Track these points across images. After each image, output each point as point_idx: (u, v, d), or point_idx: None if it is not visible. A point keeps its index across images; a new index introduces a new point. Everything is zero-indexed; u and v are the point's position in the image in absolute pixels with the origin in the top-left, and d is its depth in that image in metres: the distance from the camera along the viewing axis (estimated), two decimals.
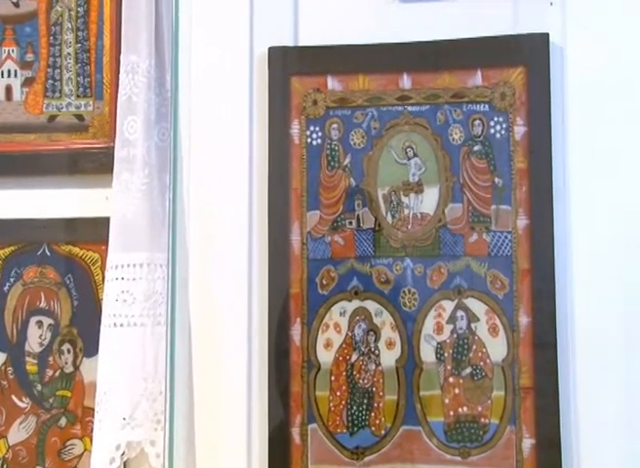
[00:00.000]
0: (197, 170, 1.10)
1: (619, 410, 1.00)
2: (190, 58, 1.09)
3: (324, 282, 1.06)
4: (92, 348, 1.13)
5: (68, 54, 1.17)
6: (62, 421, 1.16)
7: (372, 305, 1.05)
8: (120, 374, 1.06)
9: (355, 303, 1.05)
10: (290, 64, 1.07)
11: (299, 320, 1.05)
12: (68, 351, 1.17)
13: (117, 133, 1.09)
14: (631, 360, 1.00)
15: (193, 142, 1.09)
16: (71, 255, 1.18)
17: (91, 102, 1.16)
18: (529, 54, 1.03)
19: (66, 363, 1.17)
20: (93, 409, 1.09)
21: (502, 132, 1.04)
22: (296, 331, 1.05)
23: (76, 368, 1.16)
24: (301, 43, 1.09)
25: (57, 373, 1.16)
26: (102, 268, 1.13)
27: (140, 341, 1.07)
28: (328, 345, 1.06)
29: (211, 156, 1.09)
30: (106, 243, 1.09)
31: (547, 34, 1.03)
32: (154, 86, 1.09)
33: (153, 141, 1.09)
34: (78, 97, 1.16)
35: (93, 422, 1.09)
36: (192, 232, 1.09)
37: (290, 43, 1.09)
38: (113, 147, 1.10)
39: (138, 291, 1.07)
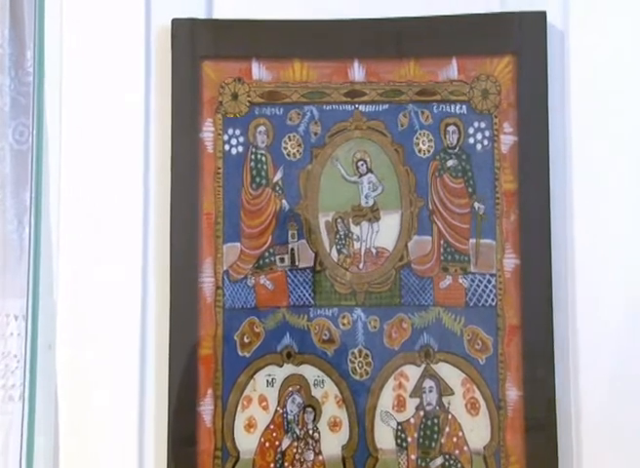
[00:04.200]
0: (70, 185, 0.95)
1: None
2: (61, 29, 0.96)
3: (245, 340, 0.93)
4: None
5: None
6: None
7: (310, 372, 0.93)
8: None
9: (288, 369, 0.93)
10: (201, 44, 0.95)
11: (210, 392, 0.92)
12: None
13: None
14: None
15: (65, 147, 0.96)
16: None
17: None
18: (520, 38, 0.94)
19: None
20: None
21: (485, 142, 0.95)
22: (206, 408, 0.92)
23: None
24: (217, 15, 0.97)
25: None
26: None
27: None
28: (250, 427, 0.93)
29: (90, 167, 0.95)
30: None
31: (544, 13, 0.94)
32: (9, 66, 0.95)
33: (7, 143, 0.96)
34: None
35: None
36: (62, 271, 0.94)
37: (201, 15, 0.97)
38: None
39: None
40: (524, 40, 0.94)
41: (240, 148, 0.95)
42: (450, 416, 0.91)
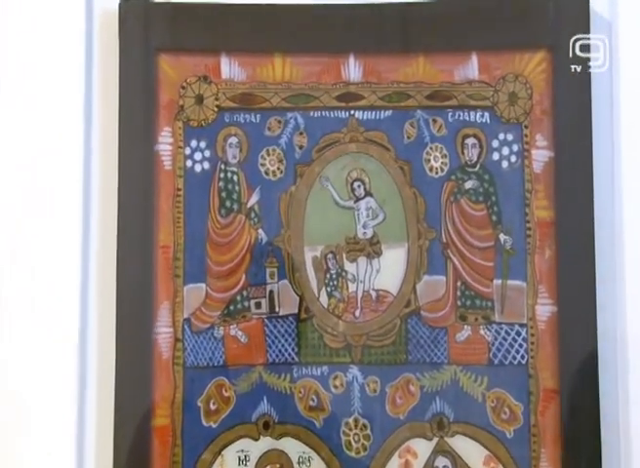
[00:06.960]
0: None
1: None
2: None
3: (212, 406, 0.85)
4: None
5: None
6: None
7: (293, 447, 0.85)
8: None
9: (265, 443, 0.85)
10: (157, 33, 0.88)
11: None
12: None
13: None
14: None
15: None
16: None
17: None
18: (556, 30, 0.87)
19: None
20: None
21: (512, 158, 0.87)
22: None
23: None
24: None
25: None
26: None
27: None
28: None
29: (16, 187, 0.86)
30: None
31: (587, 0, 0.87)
32: None
33: None
34: None
35: None
36: None
37: None
38: None
39: None
40: (561, 32, 0.85)
41: (206, 164, 0.87)
42: None
